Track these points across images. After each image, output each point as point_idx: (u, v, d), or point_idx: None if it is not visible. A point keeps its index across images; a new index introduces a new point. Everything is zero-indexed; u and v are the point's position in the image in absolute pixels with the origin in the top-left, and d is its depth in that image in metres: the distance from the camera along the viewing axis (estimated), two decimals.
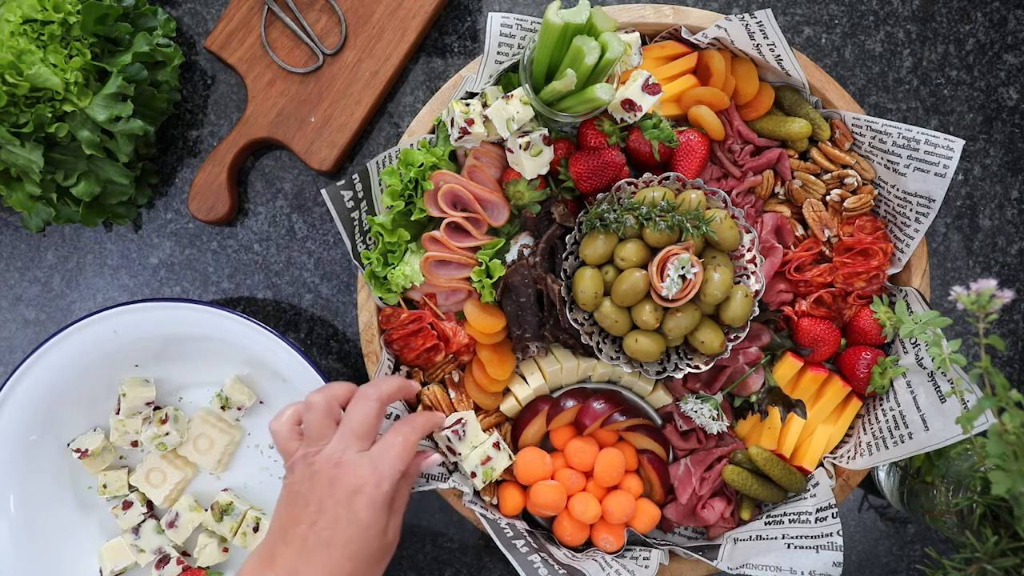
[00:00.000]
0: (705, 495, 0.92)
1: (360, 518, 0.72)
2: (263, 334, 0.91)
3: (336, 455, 0.74)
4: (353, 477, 0.73)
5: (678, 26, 0.90)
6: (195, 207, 0.98)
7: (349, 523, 0.72)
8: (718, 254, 0.85)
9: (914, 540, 1.00)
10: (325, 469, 0.74)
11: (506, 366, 0.90)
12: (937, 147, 0.85)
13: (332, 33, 0.99)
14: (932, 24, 1.01)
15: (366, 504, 0.73)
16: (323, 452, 0.75)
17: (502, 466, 0.90)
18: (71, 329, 0.91)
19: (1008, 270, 1.00)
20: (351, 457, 0.74)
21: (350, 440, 0.76)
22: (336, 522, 0.72)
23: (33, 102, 0.86)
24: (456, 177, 0.87)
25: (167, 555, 0.96)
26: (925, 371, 0.85)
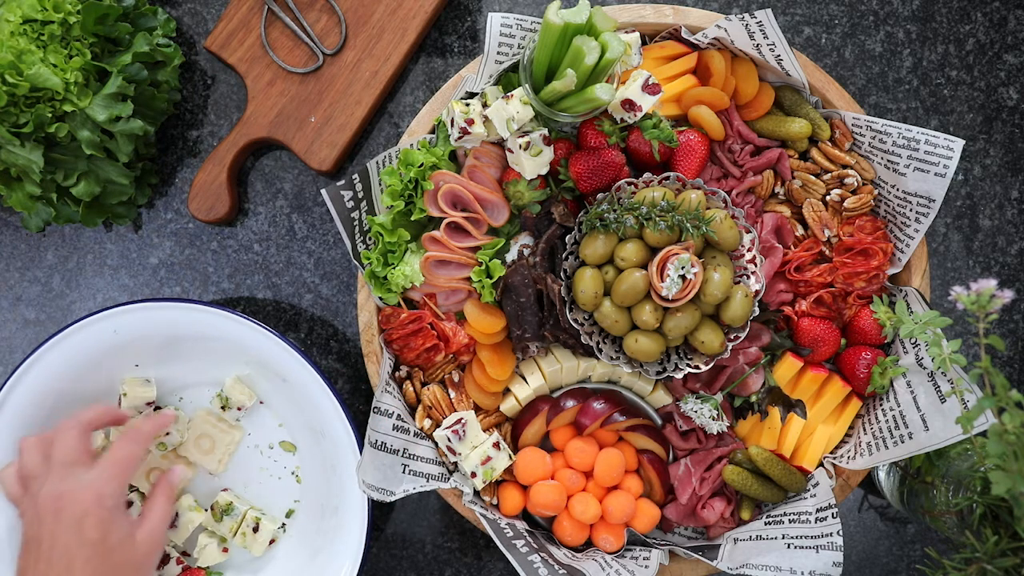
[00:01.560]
0: (705, 495, 0.92)
1: (91, 537, 0.76)
2: (263, 334, 0.91)
3: (56, 489, 0.78)
4: (76, 505, 0.77)
5: (678, 26, 0.90)
6: (195, 207, 0.98)
7: (81, 545, 0.75)
8: (718, 254, 0.85)
9: (914, 540, 1.00)
10: (48, 504, 0.77)
11: (506, 366, 0.90)
12: (937, 147, 0.85)
13: (332, 33, 0.99)
14: (932, 24, 1.01)
15: (94, 523, 0.76)
16: (43, 490, 0.78)
17: (502, 466, 0.90)
18: (71, 329, 0.91)
19: (1008, 270, 1.00)
20: (71, 485, 0.78)
21: (62, 471, 0.79)
22: (68, 549, 0.75)
23: (33, 102, 0.86)
24: (456, 177, 0.87)
25: (167, 555, 0.96)
26: (925, 371, 0.85)
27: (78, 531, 0.76)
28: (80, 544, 0.75)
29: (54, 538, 0.76)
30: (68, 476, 0.79)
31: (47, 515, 0.77)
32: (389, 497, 0.84)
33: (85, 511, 0.76)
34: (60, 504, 0.77)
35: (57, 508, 0.77)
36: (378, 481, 0.84)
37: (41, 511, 0.77)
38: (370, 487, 0.83)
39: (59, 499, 0.77)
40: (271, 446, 0.99)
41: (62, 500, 0.77)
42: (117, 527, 0.78)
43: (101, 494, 0.78)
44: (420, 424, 0.90)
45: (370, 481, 0.83)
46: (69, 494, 0.77)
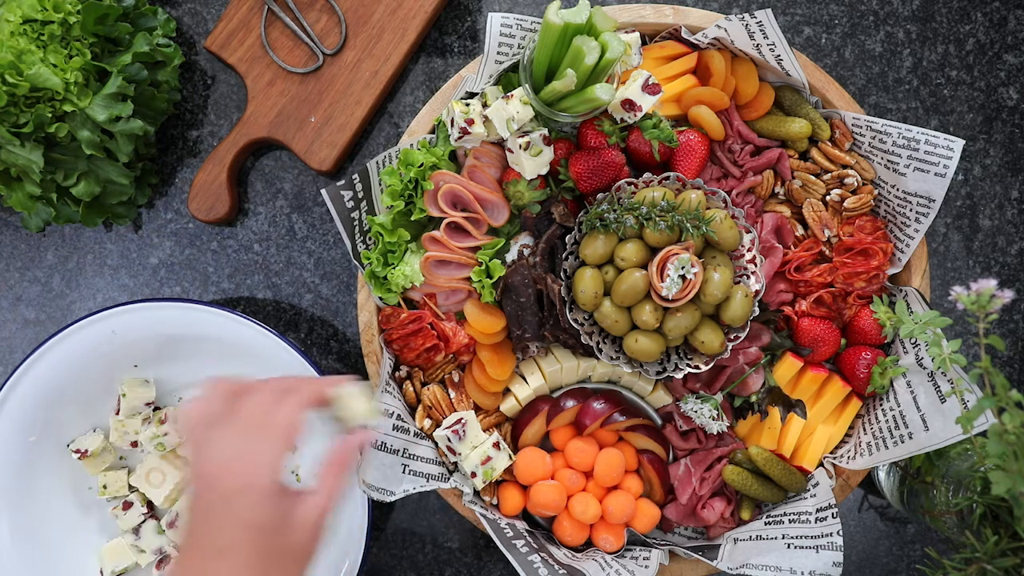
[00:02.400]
0: (705, 495, 0.92)
1: (245, 518, 0.67)
2: (263, 334, 0.91)
3: (215, 457, 0.69)
4: (230, 477, 0.68)
5: (678, 26, 0.90)
6: (195, 207, 0.98)
7: (235, 527, 0.67)
8: (718, 254, 0.85)
9: (914, 540, 1.00)
10: (205, 473, 0.69)
11: (506, 366, 0.90)
12: (937, 147, 0.85)
13: (332, 33, 0.99)
14: (932, 24, 1.01)
15: (249, 503, 0.67)
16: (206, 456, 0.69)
17: (502, 466, 0.90)
18: (71, 329, 0.91)
19: (1008, 270, 1.00)
20: (228, 456, 0.69)
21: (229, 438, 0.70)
22: (223, 529, 0.67)
23: (33, 102, 0.86)
24: (456, 177, 0.87)
25: (168, 555, 0.96)
26: (925, 371, 0.85)
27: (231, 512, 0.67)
28: (235, 527, 0.67)
29: (207, 512, 0.68)
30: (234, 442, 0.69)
31: (203, 483, 0.68)
32: (389, 497, 0.84)
33: (241, 486, 0.67)
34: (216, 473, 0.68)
35: (212, 478, 0.68)
36: (378, 481, 0.84)
37: (199, 478, 0.69)
38: (370, 487, 0.83)
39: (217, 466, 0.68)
40: None
41: (219, 469, 0.68)
42: (272, 511, 0.68)
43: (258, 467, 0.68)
44: (420, 424, 0.90)
45: (370, 481, 0.83)
46: (226, 462, 0.68)
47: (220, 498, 0.67)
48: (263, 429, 0.70)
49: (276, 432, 0.69)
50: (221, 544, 0.66)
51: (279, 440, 0.69)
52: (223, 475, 0.68)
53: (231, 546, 0.66)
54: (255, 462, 0.68)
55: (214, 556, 0.66)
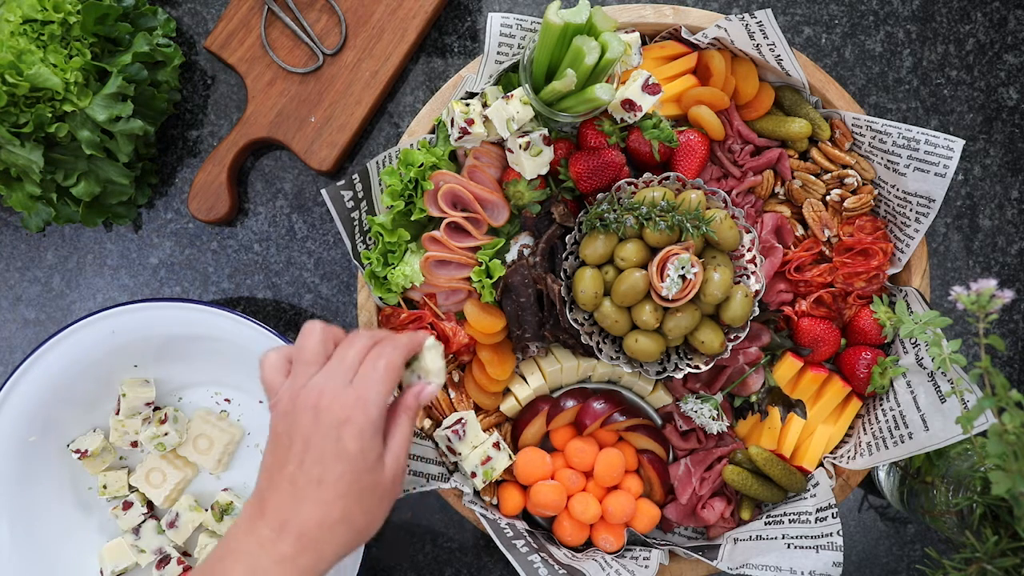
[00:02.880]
0: (705, 495, 0.92)
1: (348, 449, 0.67)
2: (263, 334, 0.91)
3: (320, 386, 0.69)
4: (338, 407, 0.67)
5: (678, 26, 0.90)
6: (195, 207, 0.98)
7: (337, 457, 0.67)
8: (718, 254, 0.85)
9: (914, 540, 1.00)
10: (309, 402, 0.68)
11: (506, 366, 0.90)
12: (937, 147, 0.85)
13: (332, 33, 0.99)
14: (932, 24, 1.01)
15: (354, 434, 0.67)
16: (308, 384, 0.69)
17: (502, 466, 0.90)
18: (71, 329, 0.91)
19: (1008, 270, 1.00)
20: (335, 387, 0.68)
21: (338, 372, 0.70)
22: (323, 458, 0.67)
23: (33, 102, 0.86)
24: (456, 177, 0.87)
25: (168, 555, 0.96)
26: (925, 371, 0.85)
27: (335, 440, 0.67)
28: (336, 456, 0.67)
29: (308, 441, 0.67)
30: (338, 377, 0.69)
31: (304, 415, 0.68)
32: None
33: (346, 418, 0.67)
34: (320, 403, 0.68)
35: (317, 405, 0.67)
36: None
37: (299, 405, 0.68)
38: None
39: (321, 395, 0.68)
40: None
41: (324, 398, 0.68)
42: (371, 445, 0.68)
43: (367, 402, 0.68)
44: (420, 424, 0.90)
45: None
46: (331, 395, 0.68)
47: (326, 427, 0.67)
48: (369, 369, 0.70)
49: (381, 373, 0.69)
50: (319, 472, 0.67)
51: (384, 380, 0.69)
52: (331, 406, 0.67)
53: (330, 475, 0.67)
54: (365, 397, 0.68)
55: (310, 484, 0.66)
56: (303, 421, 0.68)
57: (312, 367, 0.70)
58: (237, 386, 0.99)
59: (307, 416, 0.68)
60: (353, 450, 0.67)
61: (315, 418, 0.67)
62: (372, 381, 0.69)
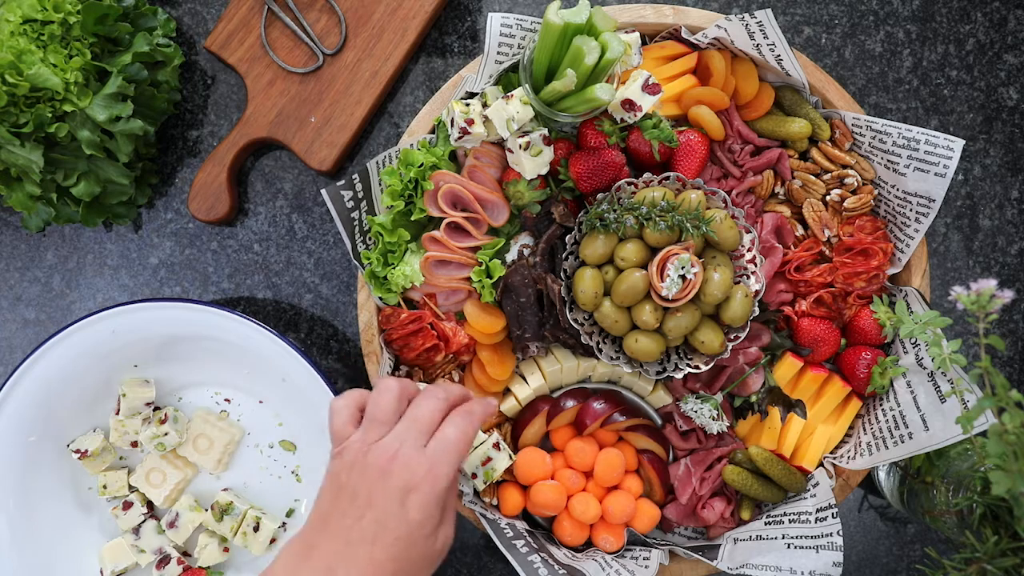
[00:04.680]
0: (705, 495, 0.92)
1: (411, 517, 0.67)
2: (263, 334, 0.91)
3: (394, 447, 0.69)
4: (408, 473, 0.68)
5: (678, 26, 0.90)
6: (195, 207, 0.98)
7: (399, 521, 0.67)
8: (718, 254, 0.85)
9: (914, 540, 1.00)
10: (379, 461, 0.68)
11: (506, 366, 0.90)
12: (937, 147, 0.85)
13: (332, 33, 0.99)
14: (932, 24, 1.01)
15: (420, 504, 0.68)
16: (381, 442, 0.70)
17: (502, 466, 0.90)
18: (71, 329, 0.91)
19: (1008, 270, 1.00)
20: (408, 451, 0.69)
21: (411, 434, 0.70)
22: (385, 519, 0.67)
23: (33, 102, 0.86)
24: (456, 177, 0.87)
25: (168, 555, 0.96)
26: (925, 371, 0.85)
27: (400, 504, 0.67)
28: (399, 520, 0.67)
29: (371, 498, 0.67)
30: (409, 441, 0.69)
31: (373, 472, 0.68)
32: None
33: (414, 485, 0.68)
34: (392, 466, 0.68)
35: (387, 470, 0.68)
36: None
37: (369, 464, 0.69)
38: None
39: (393, 459, 0.68)
40: (271, 445, 0.99)
41: (395, 462, 0.68)
42: (432, 517, 0.68)
43: (437, 475, 0.68)
44: None
45: None
46: (404, 459, 0.68)
47: (392, 490, 0.68)
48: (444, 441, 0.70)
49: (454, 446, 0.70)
50: (376, 532, 0.67)
51: (457, 454, 0.70)
52: (402, 471, 0.68)
53: (387, 537, 0.67)
54: (436, 468, 0.69)
55: (365, 541, 0.67)
56: (371, 478, 0.68)
57: (386, 426, 0.71)
58: (237, 386, 0.99)
59: (376, 475, 0.68)
60: (415, 518, 0.68)
61: (384, 479, 0.68)
62: (445, 453, 0.70)
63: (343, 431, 0.73)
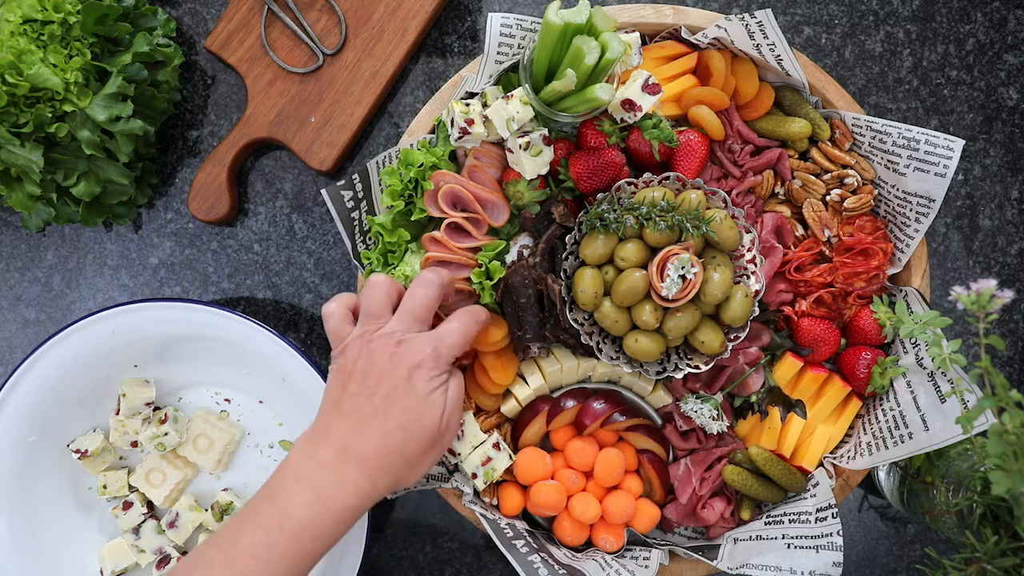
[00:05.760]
0: (705, 495, 0.92)
1: (418, 389, 0.73)
2: (263, 334, 0.91)
3: (397, 333, 0.74)
4: (414, 352, 0.73)
5: (678, 26, 0.90)
6: (195, 207, 0.98)
7: (407, 394, 0.72)
8: (718, 254, 0.85)
9: (914, 540, 1.00)
10: (385, 346, 0.74)
11: (509, 371, 0.90)
12: (937, 147, 0.85)
13: (332, 33, 0.99)
14: (932, 24, 1.01)
15: (425, 377, 0.73)
16: (382, 330, 0.75)
17: (503, 467, 0.90)
18: (71, 329, 0.91)
19: (1008, 270, 1.00)
20: (411, 335, 0.74)
21: (409, 321, 0.76)
22: (394, 392, 0.72)
23: (33, 102, 0.86)
24: (456, 177, 0.87)
25: (168, 555, 0.96)
26: (925, 371, 0.85)
27: (407, 380, 0.73)
28: (406, 391, 0.72)
29: (381, 378, 0.72)
30: (410, 327, 0.75)
31: (381, 356, 0.73)
32: (389, 497, 0.84)
33: (420, 362, 0.73)
34: (397, 349, 0.73)
35: (393, 352, 0.73)
36: None
37: (375, 351, 0.74)
38: None
39: (399, 343, 0.74)
40: (271, 445, 0.99)
41: (401, 345, 0.74)
42: (439, 392, 0.74)
43: (440, 352, 0.74)
44: None
45: None
46: (409, 342, 0.74)
47: (400, 367, 0.73)
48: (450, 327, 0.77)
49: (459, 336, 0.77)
50: (387, 405, 0.72)
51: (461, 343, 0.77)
52: (408, 351, 0.73)
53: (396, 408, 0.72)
54: (440, 348, 0.75)
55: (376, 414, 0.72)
56: (378, 362, 0.73)
57: (381, 319, 0.76)
58: (237, 386, 0.99)
59: (383, 357, 0.73)
60: (421, 391, 0.73)
61: (391, 360, 0.73)
62: (449, 338, 0.76)
63: (340, 329, 0.77)
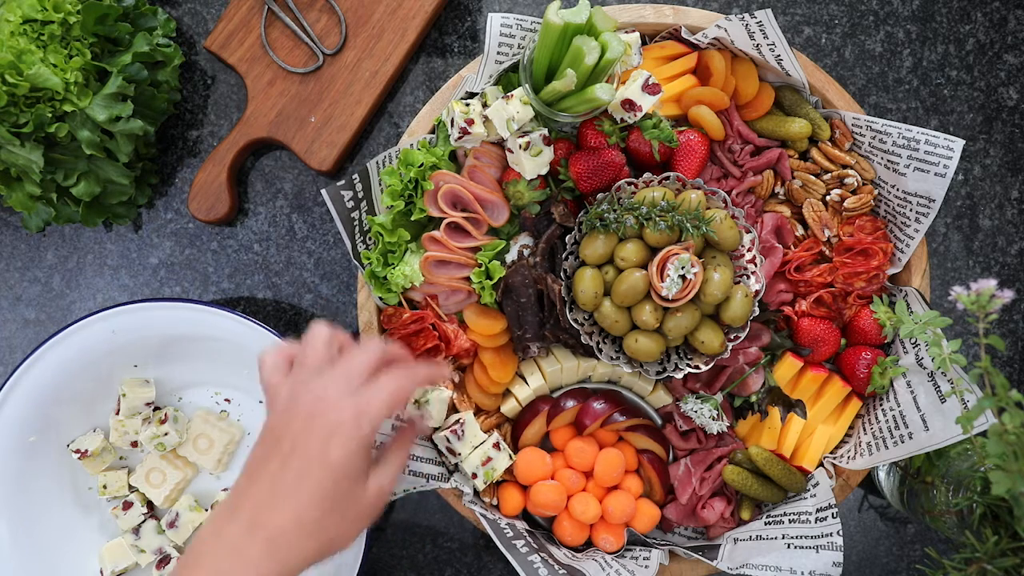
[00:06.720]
0: (705, 495, 0.92)
1: (332, 459, 0.66)
2: (263, 334, 0.91)
3: (319, 390, 0.68)
4: (334, 413, 0.67)
5: (678, 26, 0.90)
6: (195, 207, 0.98)
7: (321, 465, 0.66)
8: (718, 254, 0.85)
9: (914, 540, 1.00)
10: (304, 403, 0.68)
11: (508, 368, 0.90)
12: (937, 147, 0.85)
13: (332, 33, 0.99)
14: (932, 24, 1.01)
15: (340, 443, 0.66)
16: (309, 385, 0.69)
17: (503, 467, 0.90)
18: (71, 329, 0.91)
19: (1008, 270, 1.00)
20: (334, 395, 0.68)
21: (340, 380, 0.69)
22: (309, 463, 0.66)
23: (33, 102, 0.86)
24: (456, 177, 0.87)
25: (168, 555, 0.96)
26: (925, 371, 0.85)
27: (322, 446, 0.66)
28: (321, 464, 0.66)
29: (295, 442, 0.67)
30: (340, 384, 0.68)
31: (299, 415, 0.67)
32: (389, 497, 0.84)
33: (339, 425, 0.66)
34: (317, 408, 0.67)
35: (312, 411, 0.67)
36: None
37: (295, 408, 0.68)
38: None
39: (319, 401, 0.67)
40: None
41: (321, 404, 0.67)
42: (356, 461, 0.67)
43: (361, 414, 0.67)
44: None
45: None
46: (330, 401, 0.67)
47: (317, 432, 0.66)
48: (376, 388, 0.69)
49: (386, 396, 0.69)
50: (300, 475, 0.66)
51: (388, 404, 0.69)
52: (327, 412, 0.67)
53: (309, 478, 0.66)
54: (363, 412, 0.67)
55: (288, 486, 0.66)
56: (295, 422, 0.67)
57: (314, 371, 0.70)
58: (237, 386, 0.99)
59: (300, 418, 0.67)
60: (337, 460, 0.66)
61: (308, 421, 0.67)
62: (376, 400, 0.68)
63: (272, 380, 0.71)
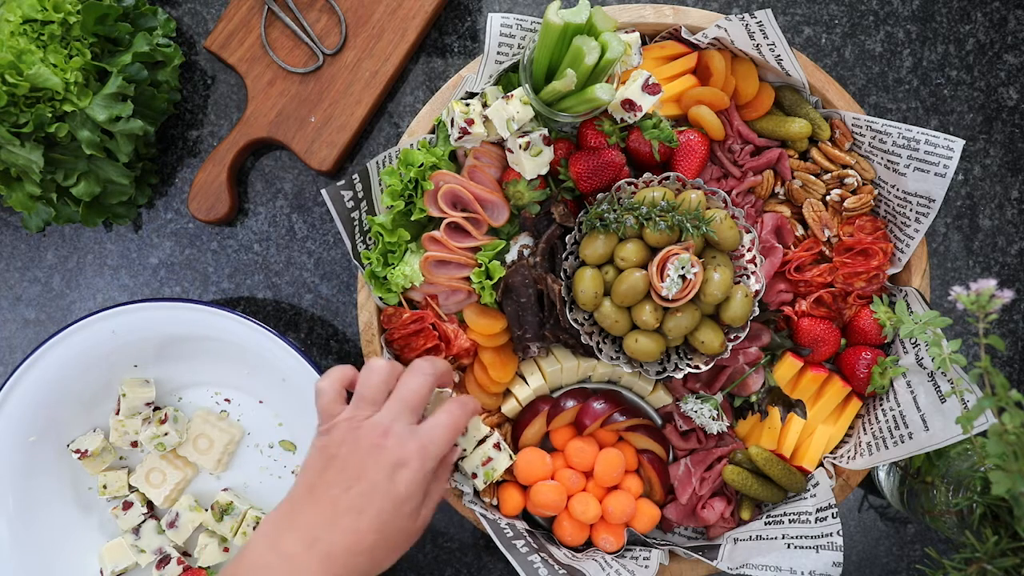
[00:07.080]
0: (705, 495, 0.92)
1: (399, 491, 0.70)
2: (263, 334, 0.91)
3: (385, 424, 0.72)
4: (400, 449, 0.71)
5: (678, 26, 0.90)
6: (195, 207, 0.98)
7: (386, 495, 0.70)
8: (718, 254, 0.85)
9: (914, 540, 1.00)
10: (372, 436, 0.71)
11: (508, 369, 0.90)
12: (937, 147, 0.85)
13: (332, 33, 0.99)
14: (932, 24, 1.01)
15: (408, 479, 0.70)
16: (372, 419, 0.73)
17: (503, 466, 0.90)
18: (71, 329, 0.91)
19: (1008, 270, 1.00)
20: (400, 429, 0.72)
21: (401, 411, 0.73)
22: (373, 491, 0.69)
23: (33, 102, 0.86)
24: (456, 177, 0.87)
25: (168, 555, 0.96)
26: (925, 371, 0.85)
27: (389, 478, 0.70)
28: (385, 492, 0.69)
29: (362, 471, 0.70)
30: (400, 419, 0.73)
31: (365, 446, 0.71)
32: None
33: (404, 461, 0.71)
34: (384, 442, 0.71)
35: (379, 445, 0.71)
36: None
37: (361, 439, 0.71)
38: None
39: (385, 435, 0.71)
40: (271, 445, 0.99)
41: (387, 438, 0.71)
42: (418, 494, 0.71)
43: (427, 453, 0.72)
44: None
45: None
46: (396, 437, 0.71)
47: (383, 465, 0.70)
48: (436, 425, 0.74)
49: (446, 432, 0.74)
50: (363, 503, 0.69)
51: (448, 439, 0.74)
52: (394, 447, 0.71)
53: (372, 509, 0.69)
54: (427, 448, 0.72)
55: (351, 511, 0.69)
56: (362, 452, 0.71)
57: (375, 406, 0.74)
58: (237, 386, 0.99)
59: (367, 449, 0.71)
60: (402, 493, 0.70)
61: (376, 453, 0.71)
62: (438, 436, 0.73)
63: (331, 408, 0.75)
